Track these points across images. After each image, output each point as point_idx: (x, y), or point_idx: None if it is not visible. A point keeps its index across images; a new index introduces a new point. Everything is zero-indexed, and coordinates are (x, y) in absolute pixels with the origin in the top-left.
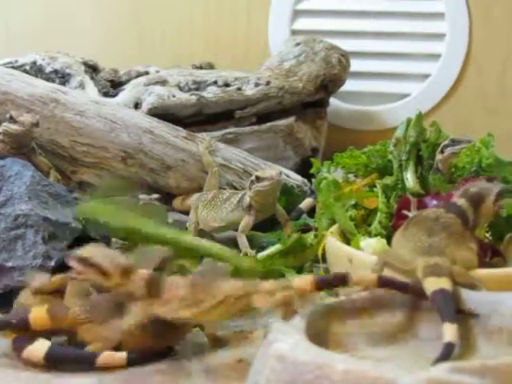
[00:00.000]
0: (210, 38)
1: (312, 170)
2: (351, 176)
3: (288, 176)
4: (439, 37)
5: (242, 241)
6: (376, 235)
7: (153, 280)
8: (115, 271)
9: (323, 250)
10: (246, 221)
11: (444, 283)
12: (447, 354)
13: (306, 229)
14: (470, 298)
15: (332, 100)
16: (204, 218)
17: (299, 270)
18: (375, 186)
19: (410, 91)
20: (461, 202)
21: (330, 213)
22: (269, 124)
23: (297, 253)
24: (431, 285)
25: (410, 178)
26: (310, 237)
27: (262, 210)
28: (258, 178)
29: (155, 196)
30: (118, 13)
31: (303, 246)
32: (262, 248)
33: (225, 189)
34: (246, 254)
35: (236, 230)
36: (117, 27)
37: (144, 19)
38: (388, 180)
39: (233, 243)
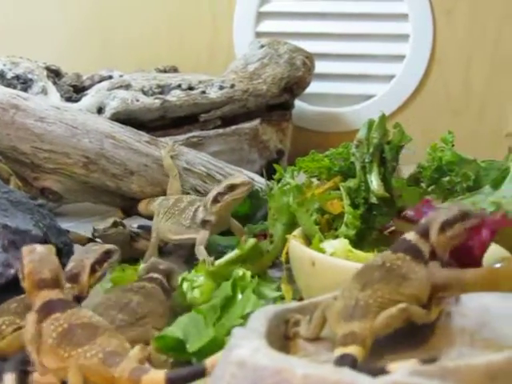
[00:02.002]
0: (174, 41)
1: (275, 177)
2: (314, 180)
3: (253, 179)
4: (403, 38)
5: (200, 252)
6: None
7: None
8: (28, 277)
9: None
10: (202, 235)
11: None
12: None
13: (262, 234)
14: None
15: (297, 102)
16: (162, 227)
17: (259, 276)
18: (339, 189)
19: (375, 92)
20: (411, 236)
21: (284, 218)
22: (233, 127)
23: (254, 259)
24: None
25: (374, 181)
26: (266, 243)
27: (218, 224)
28: (232, 186)
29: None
30: (81, 17)
31: (260, 253)
32: (220, 253)
33: (188, 193)
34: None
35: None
36: (80, 32)
37: (108, 23)
38: (351, 182)
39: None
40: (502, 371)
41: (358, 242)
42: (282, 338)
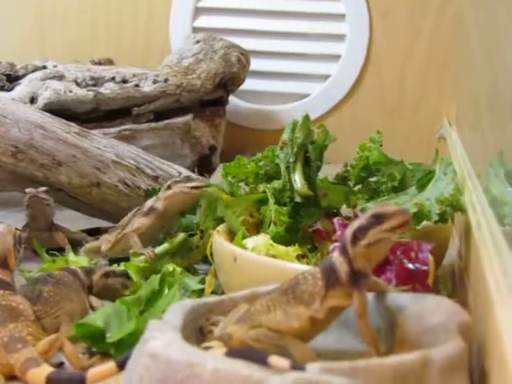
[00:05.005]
0: (110, 33)
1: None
2: (242, 184)
3: (181, 174)
4: (339, 38)
5: (134, 240)
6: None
7: None
8: None
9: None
10: (140, 223)
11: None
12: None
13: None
14: None
15: (231, 99)
16: None
17: (186, 270)
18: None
19: (310, 91)
20: (334, 255)
21: (215, 214)
22: (166, 121)
23: (184, 253)
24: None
25: (297, 180)
26: (196, 238)
27: (163, 219)
28: (189, 179)
29: (42, 189)
30: (18, 5)
31: (190, 248)
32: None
33: (116, 186)
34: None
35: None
36: (17, 20)
37: (44, 12)
38: (275, 184)
39: None
40: (412, 372)
41: (289, 241)
42: (198, 332)
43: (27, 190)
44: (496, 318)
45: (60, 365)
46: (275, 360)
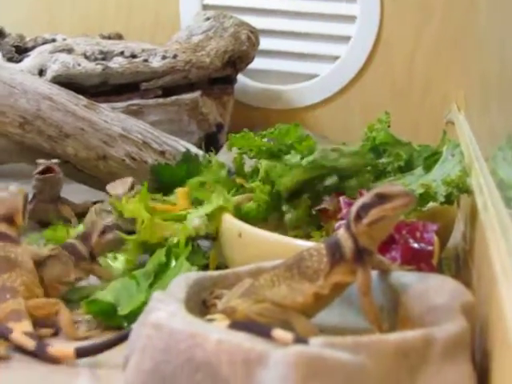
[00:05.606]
0: (120, 8)
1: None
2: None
3: (188, 150)
4: (350, 19)
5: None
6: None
7: None
8: None
9: None
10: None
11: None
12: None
13: None
14: None
15: (240, 77)
16: None
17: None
18: None
19: (319, 72)
20: (339, 232)
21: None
22: (174, 97)
23: None
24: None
25: None
26: None
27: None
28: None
29: (55, 161)
30: None
31: None
32: None
33: (123, 160)
34: None
35: None
36: None
37: None
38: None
39: None
40: (414, 349)
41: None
42: (202, 305)
43: (39, 160)
44: (501, 298)
45: (55, 333)
46: (279, 333)
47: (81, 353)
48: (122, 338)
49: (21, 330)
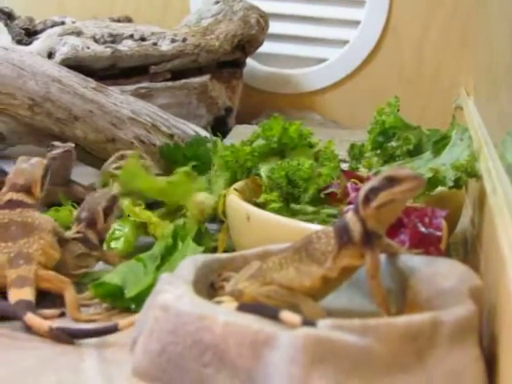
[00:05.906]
0: None
1: None
2: None
3: (197, 133)
4: (359, 3)
5: None
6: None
7: None
8: (7, 180)
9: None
10: None
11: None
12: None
13: None
14: None
15: (249, 61)
16: None
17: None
18: None
19: (328, 56)
20: (348, 215)
21: (227, 175)
22: (183, 81)
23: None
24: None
25: None
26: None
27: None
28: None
29: (70, 144)
30: None
31: None
32: None
33: (132, 142)
34: None
35: None
36: None
37: None
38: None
39: None
40: (422, 332)
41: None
42: (210, 287)
43: (55, 142)
44: (509, 282)
45: (61, 314)
46: (286, 315)
47: (55, 334)
48: (107, 331)
49: (19, 297)
